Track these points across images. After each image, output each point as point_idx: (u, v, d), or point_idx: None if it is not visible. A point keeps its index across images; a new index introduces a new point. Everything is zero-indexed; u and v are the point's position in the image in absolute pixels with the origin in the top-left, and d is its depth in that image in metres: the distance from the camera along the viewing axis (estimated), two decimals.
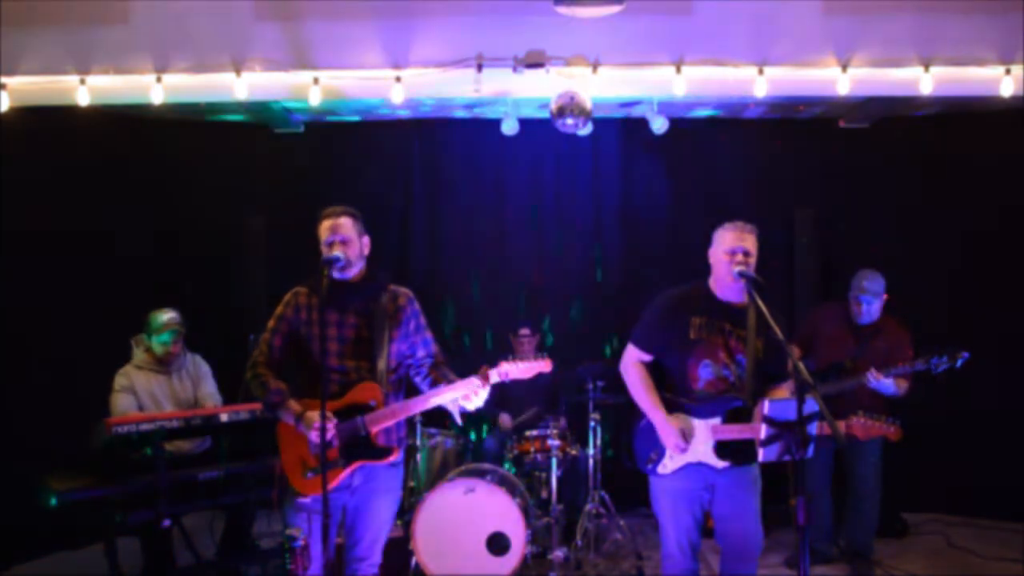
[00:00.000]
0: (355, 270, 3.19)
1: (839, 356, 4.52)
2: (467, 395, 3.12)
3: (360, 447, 3.10)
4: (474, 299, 6.27)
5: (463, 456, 4.97)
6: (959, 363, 4.08)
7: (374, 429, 3.10)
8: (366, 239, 3.25)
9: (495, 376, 3.15)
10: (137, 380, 4.40)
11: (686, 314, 3.31)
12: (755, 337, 3.26)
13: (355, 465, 3.11)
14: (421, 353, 3.31)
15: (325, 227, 3.16)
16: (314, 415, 3.00)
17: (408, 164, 6.20)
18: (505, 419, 5.34)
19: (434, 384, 3.25)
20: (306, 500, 3.09)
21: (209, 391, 4.61)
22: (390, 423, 3.14)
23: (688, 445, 3.22)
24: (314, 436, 2.99)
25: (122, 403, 4.31)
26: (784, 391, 3.22)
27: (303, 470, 3.12)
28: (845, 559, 4.78)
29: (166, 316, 4.43)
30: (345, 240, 3.14)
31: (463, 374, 3.21)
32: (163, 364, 4.47)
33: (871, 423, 3.24)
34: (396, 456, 3.21)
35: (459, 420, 3.32)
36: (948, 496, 5.70)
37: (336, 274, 3.13)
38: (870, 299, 4.49)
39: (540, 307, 6.18)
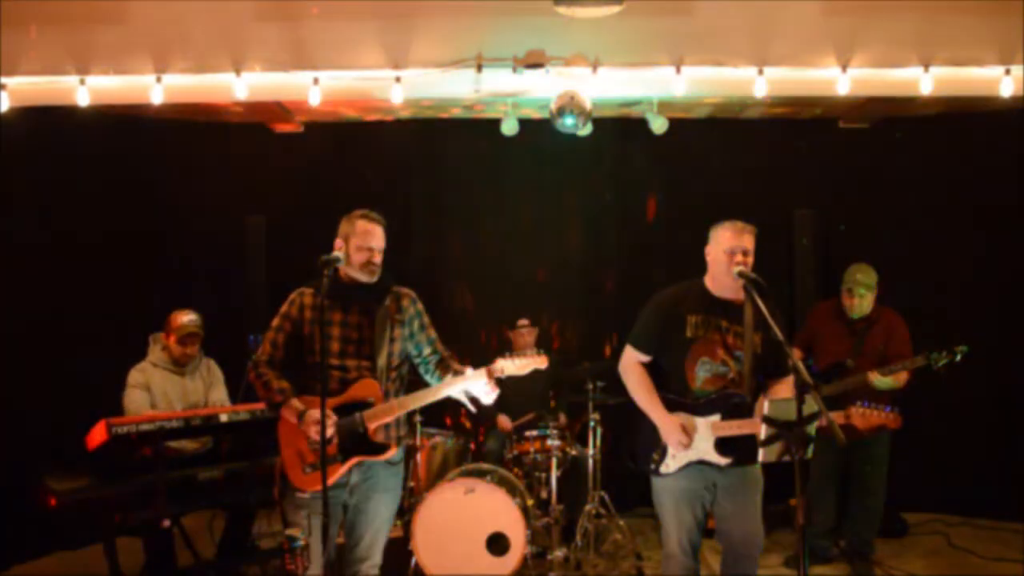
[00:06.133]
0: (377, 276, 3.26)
1: (839, 354, 4.52)
2: (480, 392, 3.22)
3: (358, 443, 3.16)
4: (474, 299, 6.27)
5: (463, 456, 4.96)
6: (959, 357, 4.05)
7: (372, 425, 3.16)
8: None
9: (495, 374, 3.24)
10: (152, 377, 4.41)
11: (682, 312, 3.31)
12: (752, 333, 3.27)
13: (352, 461, 3.16)
14: (427, 351, 3.39)
15: (368, 231, 3.21)
16: (315, 413, 3.05)
17: (408, 164, 6.20)
18: (504, 420, 5.33)
19: (442, 379, 3.33)
20: (305, 496, 3.13)
21: (220, 397, 4.62)
22: (388, 419, 3.20)
23: (690, 441, 3.23)
24: (313, 433, 3.06)
25: (137, 400, 4.31)
26: (785, 387, 3.22)
27: (302, 466, 3.17)
28: (845, 559, 4.78)
29: (187, 318, 4.46)
30: (382, 250, 3.24)
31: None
32: (179, 364, 4.48)
33: (869, 412, 3.22)
34: (394, 453, 3.24)
35: (472, 408, 3.38)
36: (948, 496, 5.70)
37: (364, 278, 3.20)
38: (863, 292, 4.51)
39: (540, 307, 6.18)
